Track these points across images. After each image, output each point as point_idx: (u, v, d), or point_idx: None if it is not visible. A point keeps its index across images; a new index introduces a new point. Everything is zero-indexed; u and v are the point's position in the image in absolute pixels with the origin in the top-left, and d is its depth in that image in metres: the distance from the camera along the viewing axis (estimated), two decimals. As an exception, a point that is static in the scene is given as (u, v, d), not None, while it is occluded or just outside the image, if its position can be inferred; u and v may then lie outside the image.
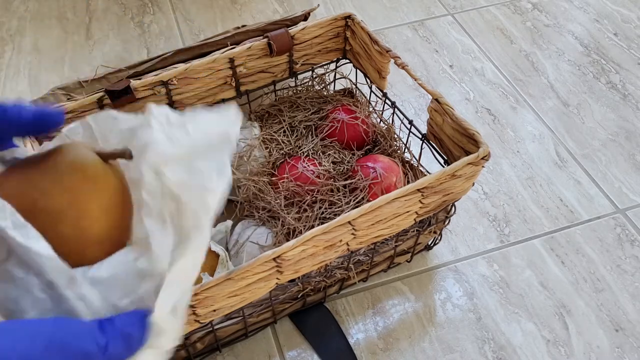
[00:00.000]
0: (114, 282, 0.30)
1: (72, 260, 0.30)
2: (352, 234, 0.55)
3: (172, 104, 0.70)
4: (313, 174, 0.67)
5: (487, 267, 0.73)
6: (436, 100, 0.64)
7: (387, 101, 0.74)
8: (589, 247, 0.75)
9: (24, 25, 1.11)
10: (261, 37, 0.72)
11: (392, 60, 0.69)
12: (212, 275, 0.62)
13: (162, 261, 0.29)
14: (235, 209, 0.70)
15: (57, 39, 1.08)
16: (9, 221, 0.28)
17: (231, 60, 0.70)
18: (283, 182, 0.67)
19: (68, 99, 0.66)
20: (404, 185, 0.65)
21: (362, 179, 0.66)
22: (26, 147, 0.50)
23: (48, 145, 0.35)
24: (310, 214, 0.64)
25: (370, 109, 0.77)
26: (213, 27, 1.09)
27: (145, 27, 1.10)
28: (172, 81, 0.68)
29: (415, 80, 0.65)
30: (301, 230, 0.63)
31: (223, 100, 0.75)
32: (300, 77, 0.80)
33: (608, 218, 0.79)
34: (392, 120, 0.74)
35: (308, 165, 0.68)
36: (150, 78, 0.67)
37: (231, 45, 0.72)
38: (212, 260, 0.63)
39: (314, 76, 0.80)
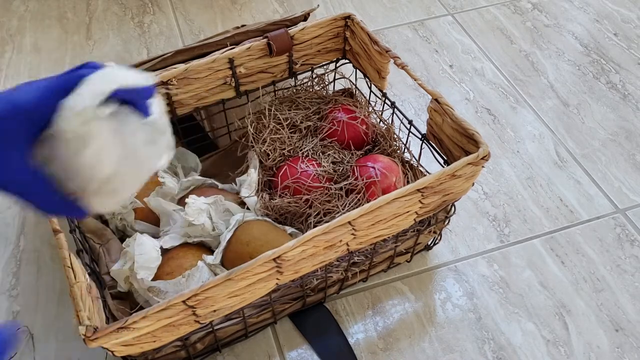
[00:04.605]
0: None
1: None
2: (352, 234, 0.55)
3: (172, 104, 0.71)
4: (312, 175, 0.67)
5: (487, 267, 0.73)
6: (436, 100, 0.64)
7: (386, 101, 0.74)
8: (589, 247, 0.75)
9: (24, 25, 1.11)
10: (261, 37, 0.72)
11: (392, 60, 0.69)
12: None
13: None
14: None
15: (57, 39, 1.08)
16: None
17: (231, 61, 0.71)
18: (285, 181, 0.67)
19: (68, 99, 0.66)
20: (404, 185, 0.65)
21: (359, 179, 0.66)
22: None
23: None
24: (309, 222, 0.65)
25: (370, 109, 0.77)
26: (213, 27, 1.09)
27: (145, 27, 1.10)
28: (172, 81, 0.68)
29: (415, 80, 0.65)
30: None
31: (223, 101, 0.75)
32: (300, 77, 0.80)
33: (608, 218, 0.79)
34: (392, 120, 0.74)
35: (308, 166, 0.68)
36: (150, 78, 0.67)
37: (231, 45, 0.72)
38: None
39: (314, 76, 0.80)
